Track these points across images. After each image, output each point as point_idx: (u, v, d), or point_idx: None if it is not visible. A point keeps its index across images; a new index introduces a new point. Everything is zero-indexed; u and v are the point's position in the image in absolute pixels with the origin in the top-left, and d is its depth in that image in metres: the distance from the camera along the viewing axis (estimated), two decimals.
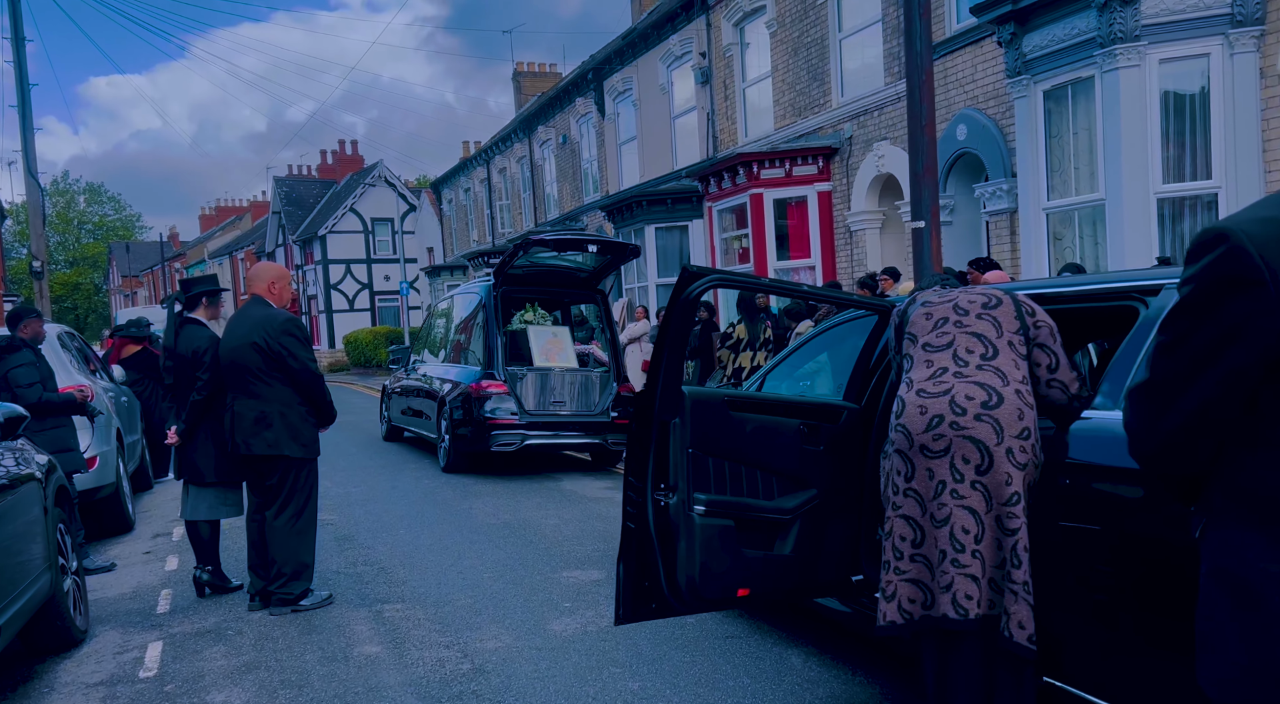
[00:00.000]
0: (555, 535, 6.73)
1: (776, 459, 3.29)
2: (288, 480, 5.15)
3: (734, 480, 3.21)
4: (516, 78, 36.44)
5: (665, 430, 3.16)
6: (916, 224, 6.23)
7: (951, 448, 2.82)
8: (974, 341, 2.98)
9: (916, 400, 2.92)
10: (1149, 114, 8.66)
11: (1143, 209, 8.77)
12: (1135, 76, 8.64)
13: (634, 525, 3.21)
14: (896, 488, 2.94)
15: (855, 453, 3.48)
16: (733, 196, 15.56)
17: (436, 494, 8.68)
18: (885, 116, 13.41)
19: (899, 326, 3.20)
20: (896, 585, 2.89)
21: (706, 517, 3.12)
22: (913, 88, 6.02)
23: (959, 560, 2.78)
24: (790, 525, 3.32)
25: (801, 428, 3.36)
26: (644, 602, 3.24)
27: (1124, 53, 8.64)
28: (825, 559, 3.41)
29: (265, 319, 5.12)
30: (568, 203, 25.09)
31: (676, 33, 18.98)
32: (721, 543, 3.12)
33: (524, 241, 9.17)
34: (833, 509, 3.40)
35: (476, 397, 9.38)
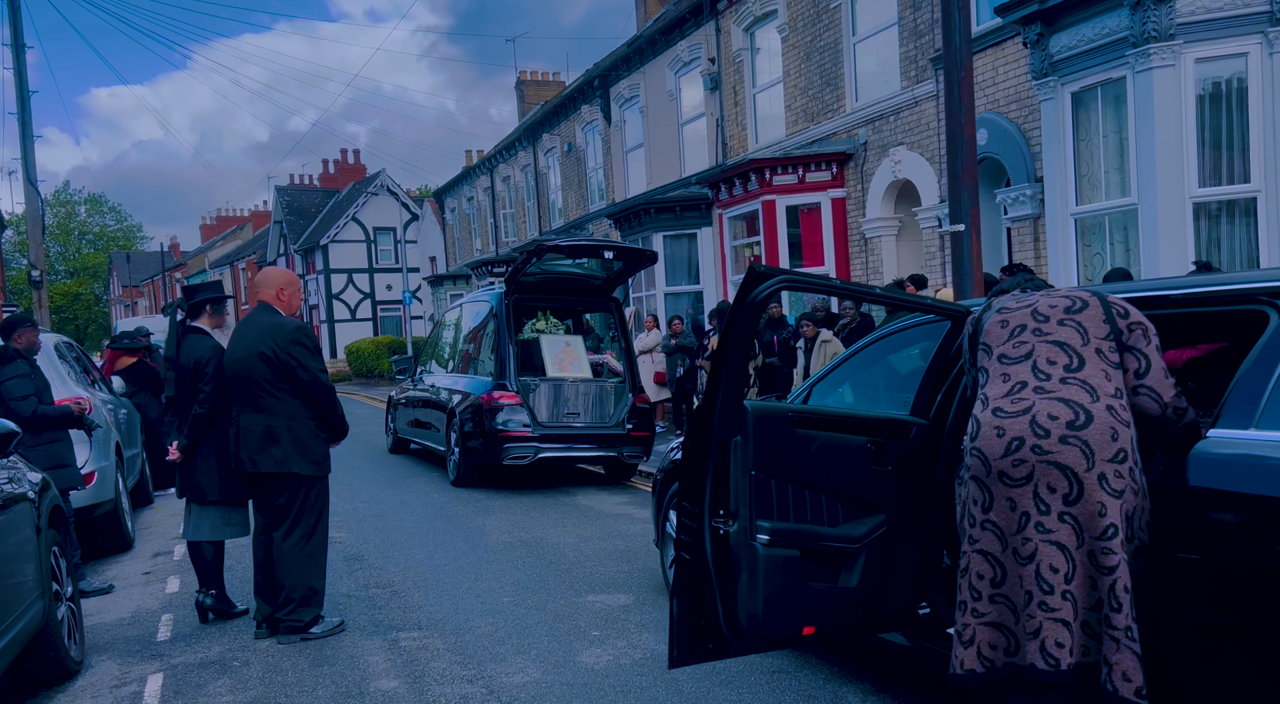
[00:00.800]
0: (575, 555, 6.41)
1: (842, 481, 2.99)
2: (297, 500, 4.84)
3: (798, 505, 2.90)
4: (520, 86, 36.28)
5: (724, 450, 2.85)
6: (956, 228, 5.93)
7: (1034, 475, 2.50)
8: (1056, 351, 2.67)
9: (993, 421, 2.61)
10: (1184, 115, 8.38)
11: (1178, 213, 8.48)
12: (1170, 77, 8.36)
13: (689, 556, 2.89)
14: (973, 519, 2.62)
15: (925, 473, 3.17)
16: (744, 203, 15.28)
17: (447, 509, 8.36)
18: (902, 121, 13.14)
19: (972, 336, 2.89)
20: (975, 629, 2.57)
21: (771, 546, 2.81)
22: (951, 84, 5.74)
23: (1047, 603, 2.46)
24: (858, 555, 3.00)
25: (869, 446, 3.05)
26: (700, 642, 2.92)
27: (1158, 52, 8.36)
28: (893, 591, 3.09)
29: (273, 327, 4.82)
30: (573, 211, 24.83)
31: (685, 38, 18.75)
32: (786, 576, 2.81)
33: (537, 248, 8.88)
34: (901, 536, 3.09)
35: (488, 408, 9.07)
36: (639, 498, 8.85)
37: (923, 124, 12.78)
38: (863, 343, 3.89)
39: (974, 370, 2.84)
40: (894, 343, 3.76)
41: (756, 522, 2.81)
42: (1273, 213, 8.17)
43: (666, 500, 5.17)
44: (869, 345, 3.86)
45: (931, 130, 12.62)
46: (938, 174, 12.56)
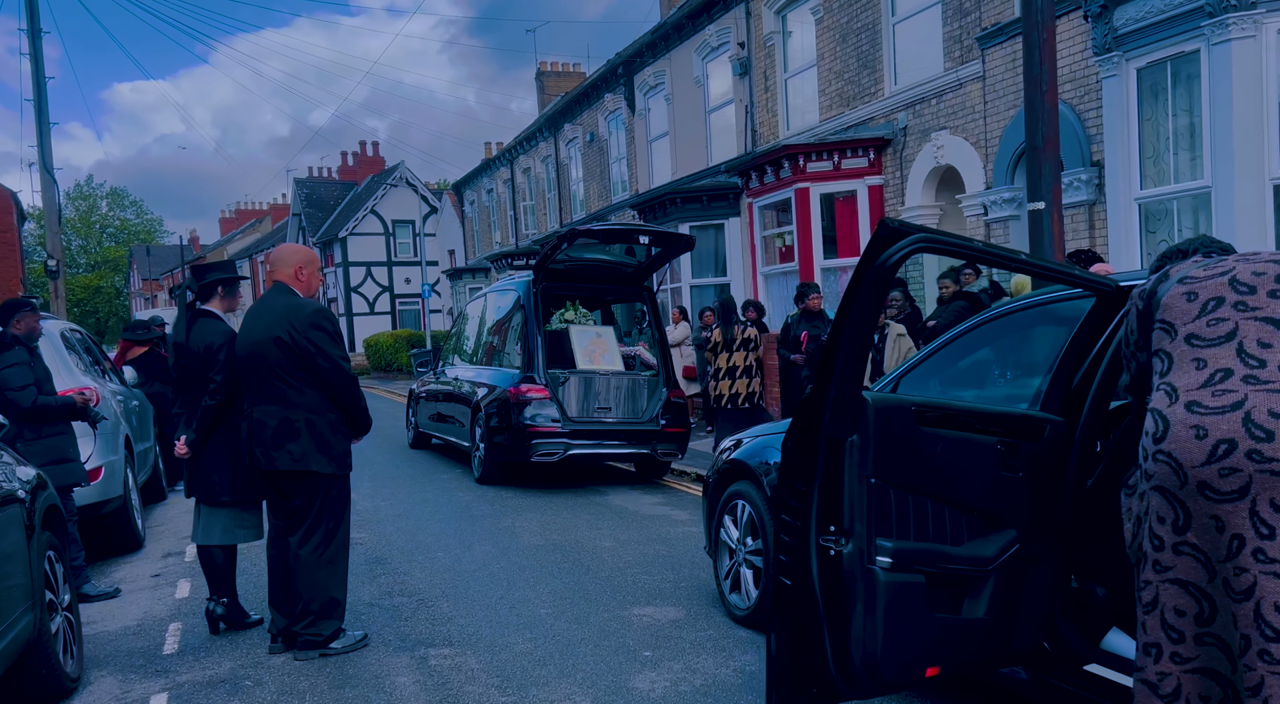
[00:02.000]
0: (615, 561, 5.93)
1: (967, 490, 2.49)
2: (315, 501, 4.38)
3: (919, 520, 2.41)
4: (540, 77, 35.80)
5: (837, 451, 2.35)
6: (1035, 205, 5.40)
7: (1252, 488, 1.98)
8: (1269, 331, 2.14)
9: (1188, 419, 2.08)
10: (1265, 91, 7.78)
11: (1257, 197, 7.89)
12: (1250, 49, 7.77)
13: (790, 581, 2.40)
14: (1160, 541, 2.09)
15: (1057, 480, 2.66)
16: (776, 191, 14.73)
17: (473, 509, 7.90)
18: (945, 104, 12.56)
19: (1143, 313, 2.35)
20: (1179, 679, 2.04)
21: (893, 571, 2.31)
22: (1031, 48, 5.21)
23: (1270, 653, 1.94)
24: (986, 579, 2.50)
25: (999, 447, 2.54)
26: (803, 686, 2.42)
27: (1237, 23, 7.77)
28: (1023, 622, 2.59)
29: (290, 310, 4.35)
30: (595, 202, 24.34)
31: (713, 23, 18.19)
32: (910, 606, 2.31)
33: (568, 233, 8.40)
34: (1032, 555, 2.59)
35: (515, 402, 8.60)
36: (675, 498, 8.36)
37: (967, 107, 12.20)
38: (959, 330, 3.37)
39: (1144, 355, 2.31)
40: (1001, 328, 3.24)
41: (876, 540, 2.31)
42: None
43: (722, 505, 4.68)
44: (965, 333, 3.35)
45: (977, 113, 12.04)
46: (983, 159, 11.99)
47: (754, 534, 4.42)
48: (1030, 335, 3.17)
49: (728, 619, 4.59)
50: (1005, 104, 11.52)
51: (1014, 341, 3.25)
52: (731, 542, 4.61)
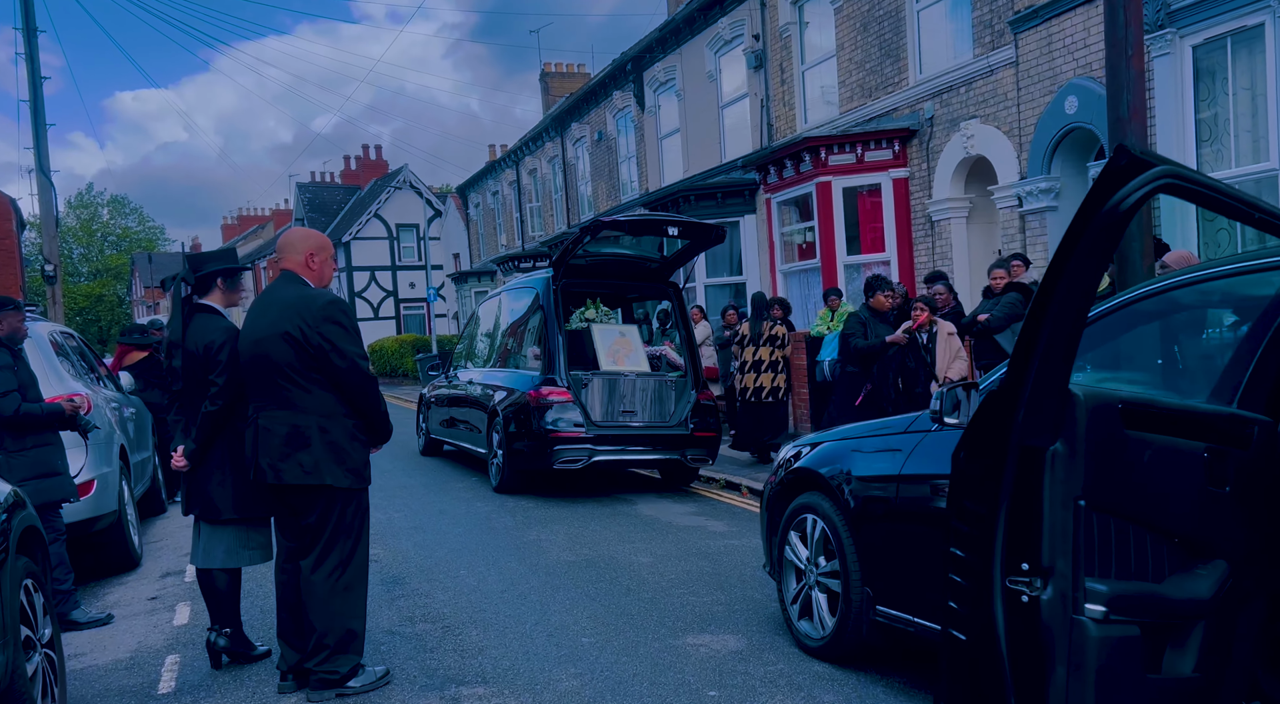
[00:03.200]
0: (657, 580, 5.40)
1: (1175, 510, 1.96)
2: (330, 519, 3.85)
3: (1120, 551, 1.88)
4: (544, 78, 35.36)
5: (1034, 464, 1.82)
6: None
7: None
8: None
9: None
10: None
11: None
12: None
13: (965, 636, 1.88)
14: None
15: (1265, 496, 2.13)
16: (796, 186, 14.21)
17: (493, 520, 7.37)
18: (975, 92, 12.04)
19: None
20: None
21: (1108, 622, 1.78)
22: (1114, 7, 4.70)
23: None
24: (1193, 625, 1.97)
25: (1204, 455, 2.02)
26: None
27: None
28: (1231, 676, 2.06)
29: (301, 302, 3.83)
30: (603, 202, 23.83)
31: (726, 15, 17.69)
32: (1125, 668, 1.79)
33: (591, 224, 7.89)
34: (1243, 592, 2.05)
35: (536, 406, 8.08)
36: (708, 507, 7.84)
37: (999, 94, 11.67)
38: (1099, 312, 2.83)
39: None
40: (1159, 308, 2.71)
41: (1086, 582, 1.78)
42: None
43: (786, 520, 4.15)
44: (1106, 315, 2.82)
45: (1010, 101, 11.52)
46: (1017, 149, 11.46)
47: (828, 554, 3.89)
48: (1199, 317, 2.65)
49: (798, 650, 4.06)
50: (1040, 90, 11.00)
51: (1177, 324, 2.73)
52: (799, 561, 4.08)
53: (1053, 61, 10.78)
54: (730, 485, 8.77)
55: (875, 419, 4.06)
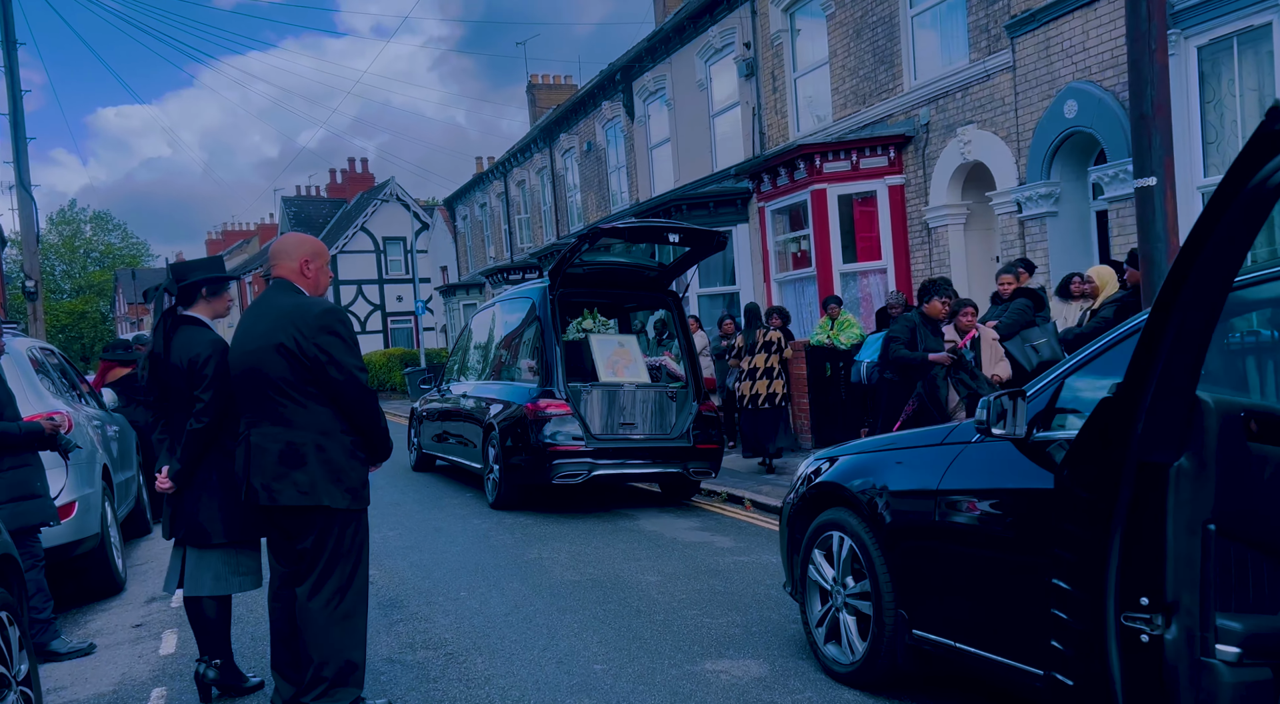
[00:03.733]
0: (667, 600, 5.17)
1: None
2: (328, 542, 3.61)
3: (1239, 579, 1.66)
4: (531, 90, 35.27)
5: (1157, 483, 1.60)
6: (1146, 181, 4.68)
7: None
8: None
9: None
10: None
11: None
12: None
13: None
14: None
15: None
16: (790, 194, 14.06)
17: (492, 538, 7.13)
18: (971, 98, 11.92)
19: None
20: None
21: (1242, 666, 1.56)
22: (1137, 1, 4.53)
23: None
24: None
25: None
26: None
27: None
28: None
29: (296, 311, 3.60)
30: (593, 213, 23.66)
31: (716, 24, 17.58)
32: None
33: (590, 232, 7.68)
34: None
35: (534, 419, 7.84)
36: (712, 522, 7.61)
37: (997, 99, 11.56)
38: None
39: None
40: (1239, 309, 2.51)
41: (1217, 620, 1.56)
42: None
43: (810, 537, 3.94)
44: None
45: (1007, 106, 11.41)
46: (1015, 154, 11.34)
47: (856, 574, 3.68)
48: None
49: (824, 676, 3.84)
50: (1039, 95, 10.90)
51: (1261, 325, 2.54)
52: (825, 581, 3.86)
53: (1051, 65, 10.68)
54: (733, 499, 8.55)
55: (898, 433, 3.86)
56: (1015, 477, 2.88)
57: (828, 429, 10.79)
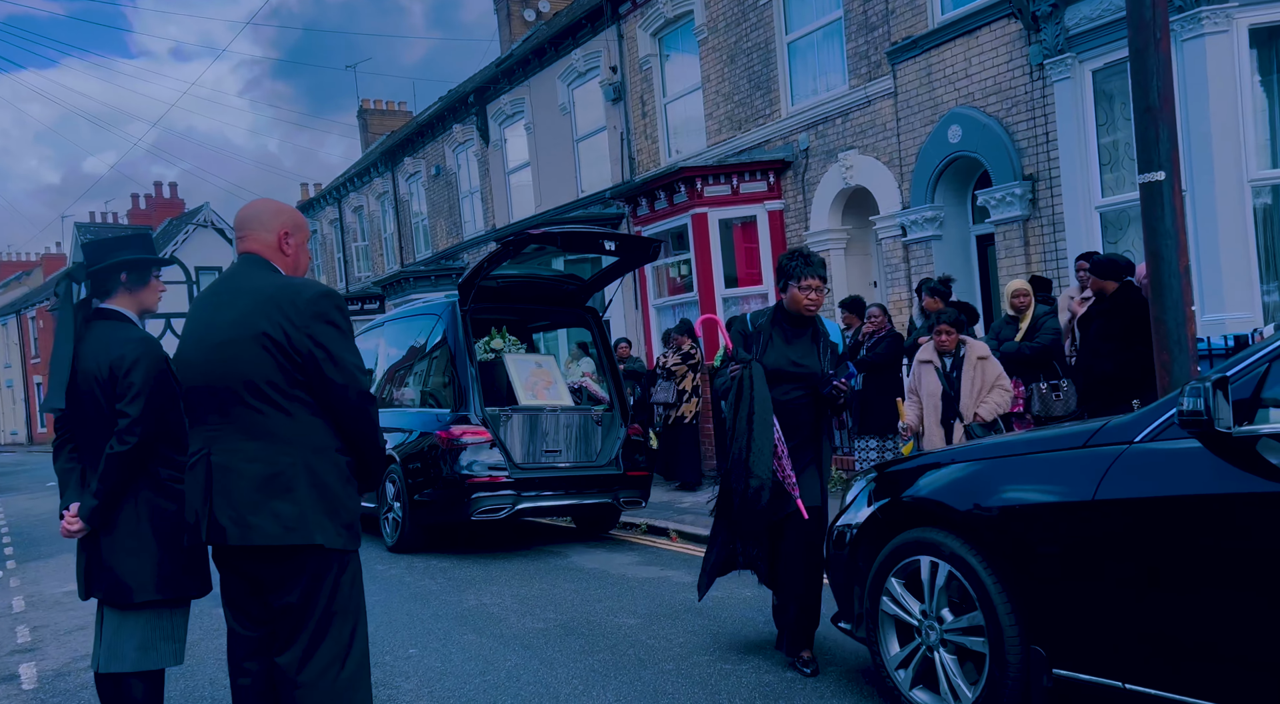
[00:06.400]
0: (665, 646, 4.49)
1: None
2: (320, 594, 2.75)
3: None
4: (362, 115, 33.86)
5: None
6: (1154, 176, 4.55)
7: None
8: None
9: None
10: (1240, 89, 7.56)
11: (1236, 198, 7.62)
12: (1223, 45, 7.54)
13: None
14: None
15: None
16: (670, 218, 13.77)
17: (414, 586, 6.18)
18: (852, 123, 12.07)
19: None
20: None
21: None
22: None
23: None
24: None
25: None
26: None
27: (1210, 17, 7.53)
28: None
29: (282, 293, 2.74)
30: (444, 239, 22.62)
31: (580, 47, 17.23)
32: None
33: (515, 238, 6.97)
34: None
35: (448, 448, 6.97)
36: (651, 556, 6.98)
37: (878, 125, 11.74)
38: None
39: None
40: None
41: None
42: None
43: (881, 565, 3.41)
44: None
45: (889, 131, 11.60)
46: (898, 178, 11.53)
47: (955, 606, 3.18)
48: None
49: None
50: (921, 120, 11.12)
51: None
52: (908, 615, 3.33)
53: (933, 91, 10.93)
54: (654, 530, 7.95)
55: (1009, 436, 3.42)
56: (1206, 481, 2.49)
57: None
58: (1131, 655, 2.65)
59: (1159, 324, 4.72)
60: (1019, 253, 10.23)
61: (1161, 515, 2.60)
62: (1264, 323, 7.54)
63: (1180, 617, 2.55)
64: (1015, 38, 9.82)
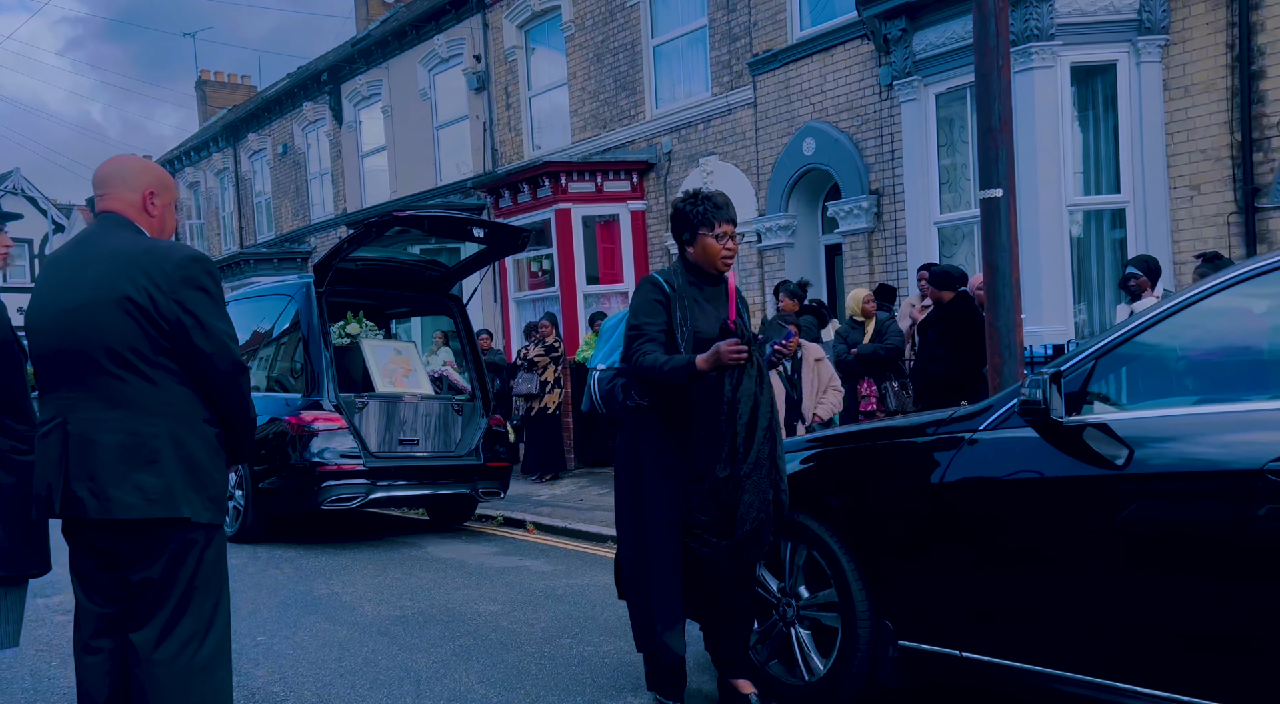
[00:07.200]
0: (527, 631, 4.52)
1: None
2: (182, 568, 2.63)
3: None
4: (201, 86, 31.99)
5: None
6: (992, 193, 4.94)
7: None
8: None
9: None
10: (1061, 119, 8.28)
11: (1056, 219, 8.34)
12: (1048, 78, 8.25)
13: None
14: None
15: None
16: (533, 211, 13.72)
17: (260, 577, 5.93)
18: (714, 130, 12.42)
19: None
20: None
21: None
22: (985, 16, 4.79)
23: None
24: None
25: None
26: None
27: (1039, 52, 8.22)
28: None
29: (148, 255, 2.60)
30: (290, 221, 21.69)
31: (442, 33, 16.92)
32: None
33: (379, 220, 6.79)
34: None
35: (299, 434, 6.72)
36: (510, 546, 6.97)
37: (738, 133, 12.14)
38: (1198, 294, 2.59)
39: None
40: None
41: None
42: (1140, 225, 8.24)
43: None
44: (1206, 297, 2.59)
45: (748, 140, 12.01)
46: (755, 186, 11.96)
47: (811, 583, 3.37)
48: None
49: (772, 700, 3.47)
50: (778, 132, 11.58)
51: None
52: (769, 593, 3.49)
53: (790, 104, 11.40)
54: (511, 522, 7.93)
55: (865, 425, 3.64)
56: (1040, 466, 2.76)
57: (591, 449, 10.52)
58: (968, 626, 2.90)
59: (992, 330, 5.13)
60: (864, 262, 10.82)
61: (999, 497, 2.87)
62: (1074, 337, 8.29)
63: (1013, 590, 2.81)
64: (868, 58, 10.38)
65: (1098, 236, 8.56)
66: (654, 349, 3.26)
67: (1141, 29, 8.11)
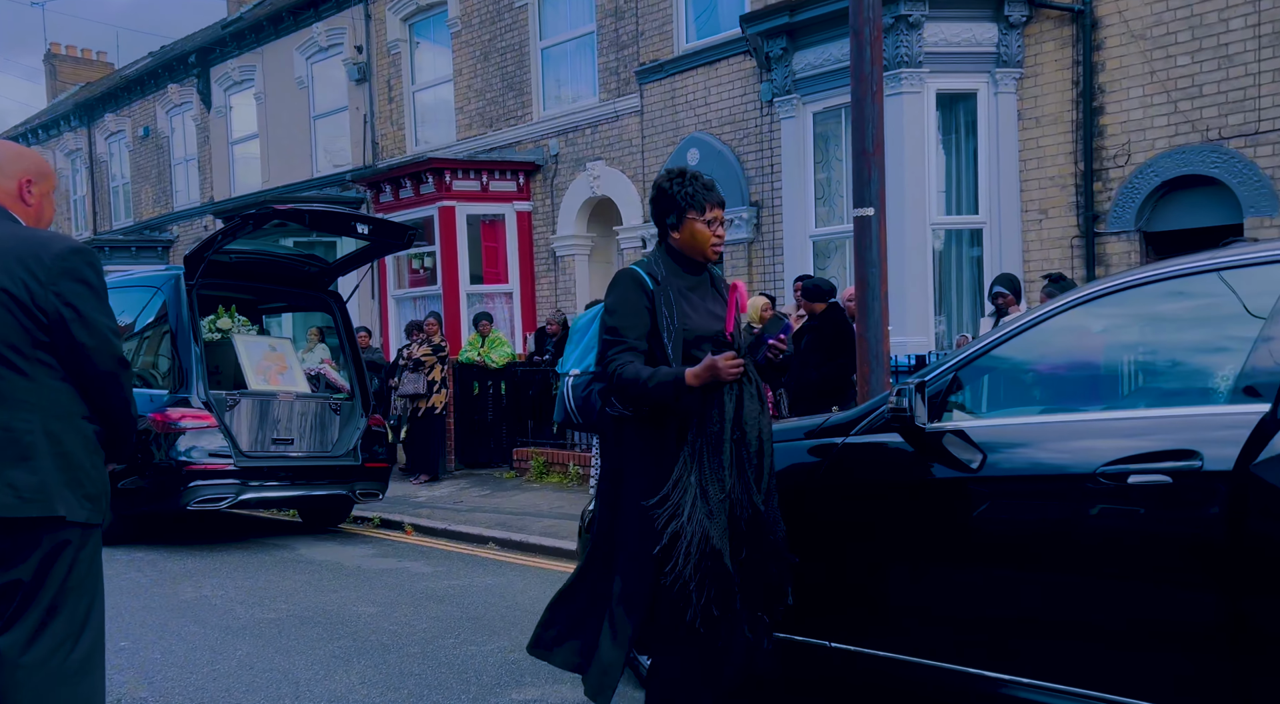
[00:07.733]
0: (408, 632, 4.50)
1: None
2: (54, 569, 2.53)
3: None
4: (50, 59, 29.98)
5: None
6: (864, 211, 5.25)
7: None
8: None
9: None
10: (927, 143, 8.79)
11: (920, 236, 8.84)
12: (916, 103, 8.74)
13: None
14: None
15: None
16: (415, 208, 13.51)
17: (120, 581, 5.66)
18: (601, 135, 12.55)
19: None
20: None
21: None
22: (861, 45, 5.09)
23: None
24: None
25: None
26: None
27: (908, 78, 8.70)
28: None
29: (25, 246, 2.50)
30: (150, 208, 20.60)
31: (321, 20, 16.46)
32: None
33: (258, 212, 6.59)
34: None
35: (164, 432, 6.45)
36: (387, 548, 6.88)
37: (625, 140, 12.31)
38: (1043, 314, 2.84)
39: None
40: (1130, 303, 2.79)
41: None
42: (996, 246, 8.83)
43: None
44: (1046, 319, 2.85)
45: (635, 147, 12.20)
46: (641, 193, 12.14)
47: None
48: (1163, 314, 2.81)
49: None
50: (664, 140, 11.81)
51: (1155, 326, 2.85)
52: None
53: (675, 114, 11.65)
54: (388, 524, 7.82)
55: None
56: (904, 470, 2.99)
57: (472, 450, 10.44)
58: (835, 618, 3.10)
59: (862, 340, 5.44)
60: (744, 273, 11.16)
61: (868, 498, 3.08)
62: (935, 347, 8.81)
63: (880, 584, 3.03)
64: (750, 74, 10.72)
65: (958, 254, 9.11)
66: (633, 359, 2.82)
67: (999, 61, 8.70)
